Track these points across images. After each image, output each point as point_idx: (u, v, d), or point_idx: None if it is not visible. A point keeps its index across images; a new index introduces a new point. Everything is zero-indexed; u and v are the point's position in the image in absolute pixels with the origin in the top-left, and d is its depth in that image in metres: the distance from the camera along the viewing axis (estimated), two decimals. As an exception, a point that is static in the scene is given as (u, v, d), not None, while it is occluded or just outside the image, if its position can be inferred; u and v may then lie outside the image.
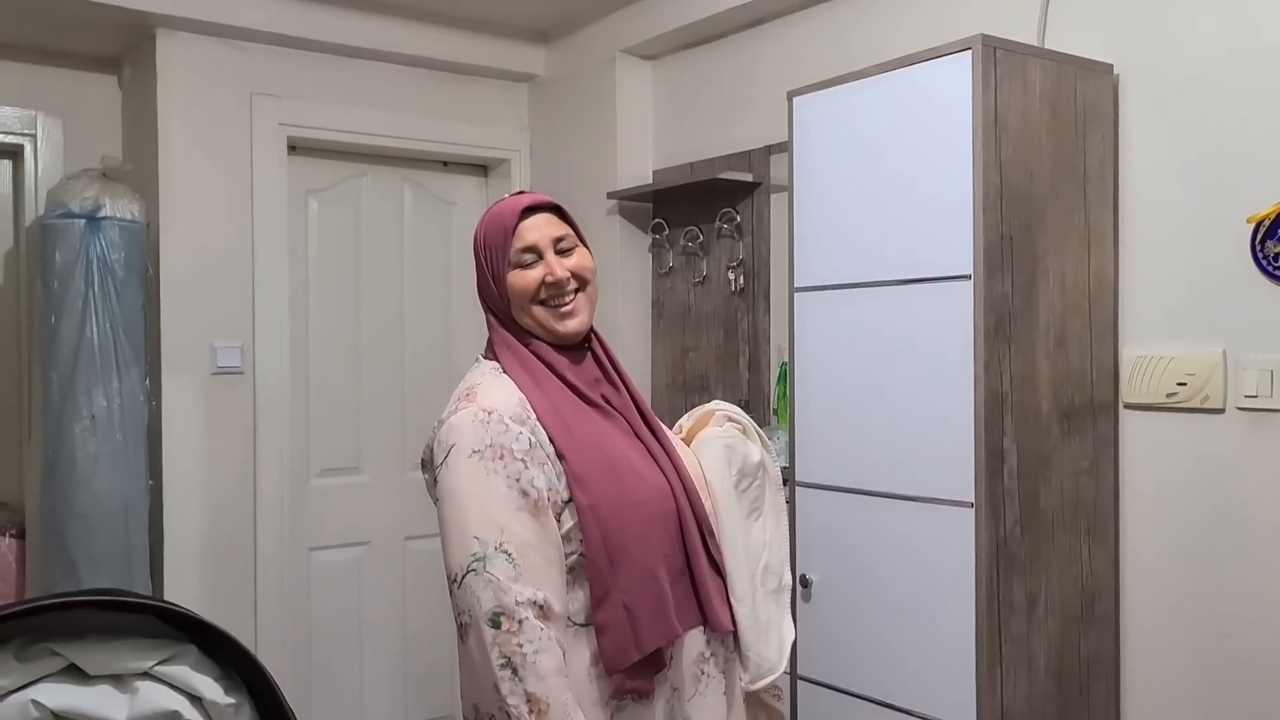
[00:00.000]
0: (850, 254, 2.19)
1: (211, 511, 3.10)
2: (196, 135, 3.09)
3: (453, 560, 1.40)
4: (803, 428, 2.29)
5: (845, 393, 2.20)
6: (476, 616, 1.36)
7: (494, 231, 1.58)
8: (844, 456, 2.20)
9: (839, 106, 2.22)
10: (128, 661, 1.28)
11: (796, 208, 2.31)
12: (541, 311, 1.56)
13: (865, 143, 2.17)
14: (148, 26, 3.05)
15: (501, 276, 1.56)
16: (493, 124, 3.64)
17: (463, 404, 1.47)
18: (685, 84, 3.27)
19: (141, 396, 2.94)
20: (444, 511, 1.43)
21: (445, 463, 1.43)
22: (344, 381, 3.48)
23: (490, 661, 1.34)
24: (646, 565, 1.51)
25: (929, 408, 2.02)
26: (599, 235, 3.32)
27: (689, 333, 3.23)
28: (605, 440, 1.55)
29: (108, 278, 2.87)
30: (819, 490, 2.25)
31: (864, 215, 2.17)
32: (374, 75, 3.41)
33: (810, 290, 2.27)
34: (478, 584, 1.36)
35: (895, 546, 2.10)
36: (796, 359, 2.30)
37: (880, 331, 2.13)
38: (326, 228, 3.47)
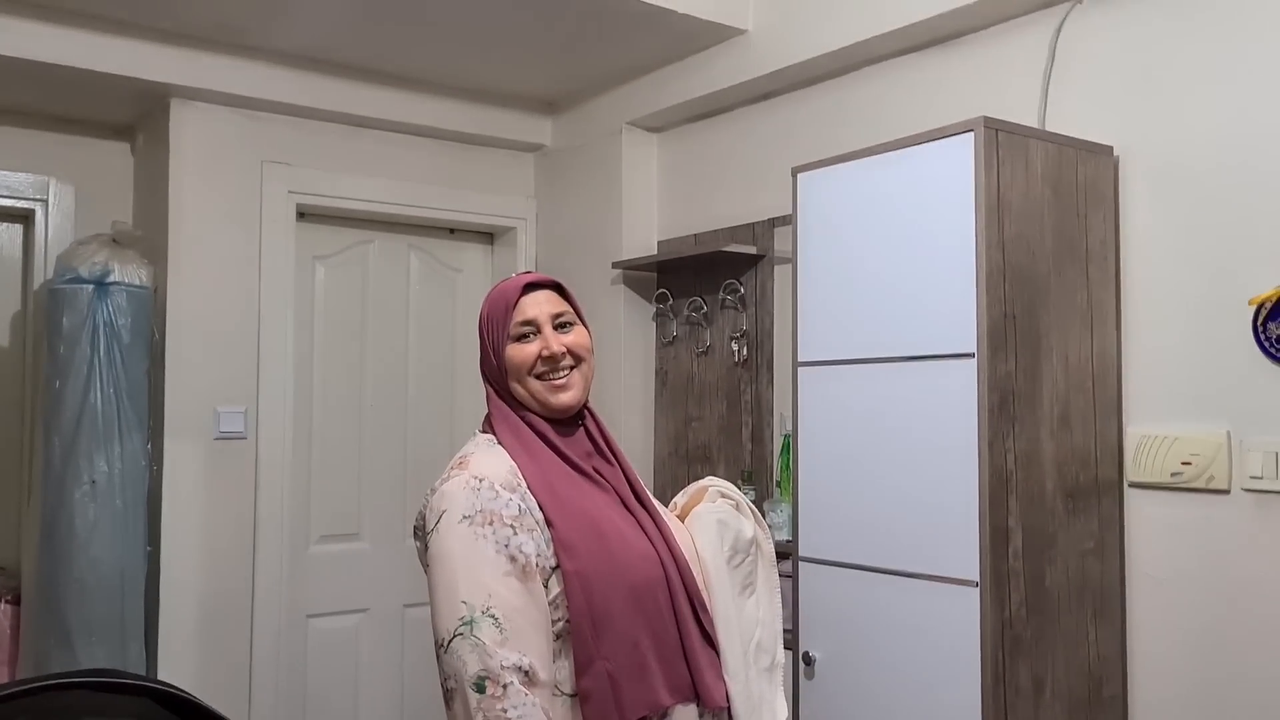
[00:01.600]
0: (854, 329, 2.20)
1: (209, 578, 3.08)
2: (207, 202, 3.13)
3: (440, 624, 1.41)
4: (806, 502, 2.28)
5: (849, 468, 2.19)
6: (462, 681, 1.37)
7: (496, 306, 1.62)
8: (847, 532, 2.18)
9: (843, 183, 2.25)
10: (121, 745, 1.26)
11: (800, 282, 2.32)
12: (536, 385, 1.59)
13: (869, 219, 2.18)
14: (162, 96, 3.10)
15: (500, 349, 1.60)
16: (499, 193, 3.68)
17: (455, 471, 1.50)
18: (690, 156, 3.31)
19: (143, 462, 2.93)
20: (433, 576, 1.45)
21: (436, 528, 1.45)
22: (346, 447, 3.47)
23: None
24: (631, 633, 1.50)
25: (933, 485, 2.01)
26: (603, 304, 3.34)
27: (692, 403, 3.23)
28: (594, 509, 1.55)
29: (114, 343, 2.88)
30: (822, 565, 2.23)
31: (868, 291, 2.18)
32: (382, 144, 3.45)
33: (814, 365, 2.28)
34: (464, 648, 1.37)
35: (899, 624, 2.07)
36: (800, 433, 2.30)
37: (884, 407, 2.13)
38: (333, 293, 3.49)
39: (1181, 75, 2.13)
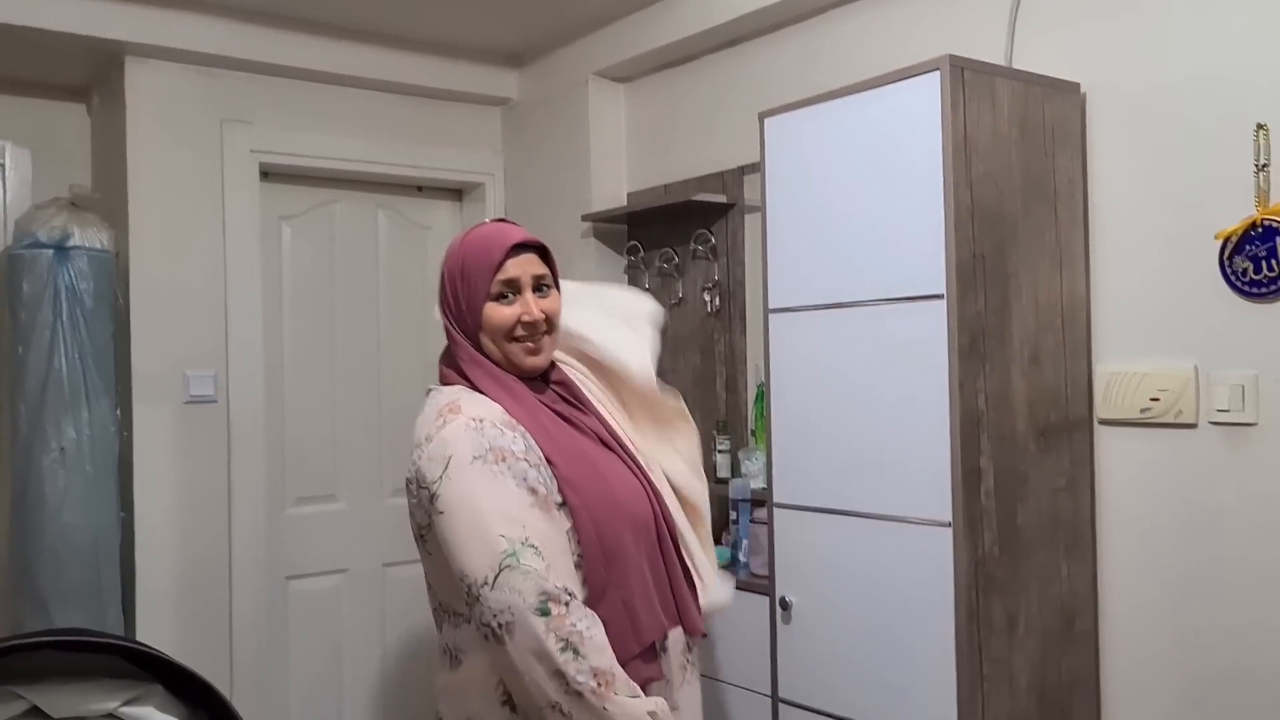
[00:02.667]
0: (823, 274, 2.18)
1: (186, 543, 3.06)
2: (166, 163, 3.07)
3: (477, 565, 1.40)
4: (780, 450, 2.28)
5: (821, 413, 2.18)
6: (521, 610, 1.37)
7: (478, 258, 1.61)
8: (821, 477, 2.19)
9: (809, 127, 2.22)
10: (92, 703, 1.25)
11: (770, 229, 2.30)
12: (512, 347, 1.63)
13: (836, 163, 2.16)
14: (116, 55, 3.03)
15: (477, 304, 1.60)
16: (467, 148, 3.64)
17: (449, 417, 1.50)
18: (658, 106, 3.27)
19: (112, 427, 2.90)
20: (454, 521, 1.43)
21: (445, 475, 1.44)
22: (320, 409, 3.45)
23: (548, 649, 1.36)
24: (638, 563, 1.60)
25: (905, 427, 2.01)
26: (574, 258, 3.31)
27: (665, 355, 3.21)
28: (584, 448, 1.63)
29: (76, 308, 2.84)
30: (797, 511, 2.24)
31: (836, 235, 2.16)
32: (346, 101, 3.40)
33: (784, 312, 2.26)
34: (514, 579, 1.37)
35: (874, 567, 2.08)
36: (772, 381, 2.30)
37: (855, 352, 2.12)
38: (300, 254, 3.45)
39: (1148, 11, 2.11)
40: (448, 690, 1.56)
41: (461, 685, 1.53)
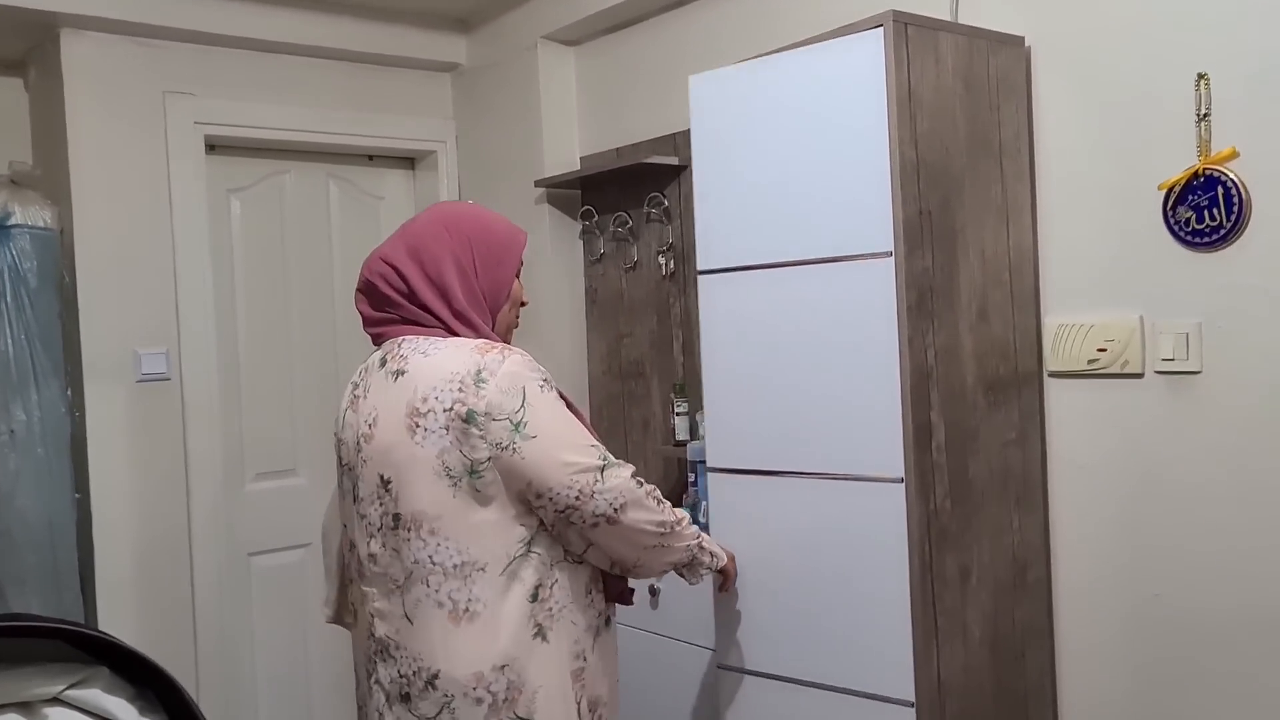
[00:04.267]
0: (761, 235, 2.11)
1: (143, 523, 3.04)
2: (108, 137, 3.01)
3: (588, 463, 1.62)
4: (714, 414, 2.20)
5: (761, 376, 2.12)
6: (632, 490, 1.66)
7: (509, 236, 1.78)
8: (766, 440, 2.12)
9: (745, 86, 2.15)
10: (35, 688, 1.24)
11: (697, 192, 2.21)
12: (514, 322, 1.84)
13: (775, 122, 2.10)
14: (51, 26, 2.95)
15: (507, 278, 1.77)
16: (417, 115, 3.59)
17: (506, 352, 1.63)
18: (608, 69, 3.24)
19: (63, 408, 2.86)
20: (553, 435, 1.61)
21: (527, 404, 1.59)
22: (276, 383, 3.42)
23: (651, 507, 1.70)
24: None
25: (851, 386, 2.00)
26: (529, 224, 3.28)
27: (623, 319, 3.22)
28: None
29: (20, 288, 2.79)
30: (735, 475, 2.16)
31: (776, 195, 2.10)
32: (292, 69, 3.34)
33: (717, 273, 2.18)
34: (617, 470, 1.65)
35: (823, 528, 2.07)
36: (704, 344, 2.22)
37: (794, 312, 2.07)
38: (250, 227, 3.40)
39: (1089, -39, 2.11)
40: (459, 645, 1.60)
41: (483, 635, 1.60)
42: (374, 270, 1.73)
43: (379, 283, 1.72)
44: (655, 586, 2.61)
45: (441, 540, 1.61)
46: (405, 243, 1.72)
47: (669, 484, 3.04)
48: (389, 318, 1.73)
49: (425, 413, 1.59)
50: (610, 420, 3.28)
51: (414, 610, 1.64)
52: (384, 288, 1.71)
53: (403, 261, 1.70)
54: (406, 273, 1.69)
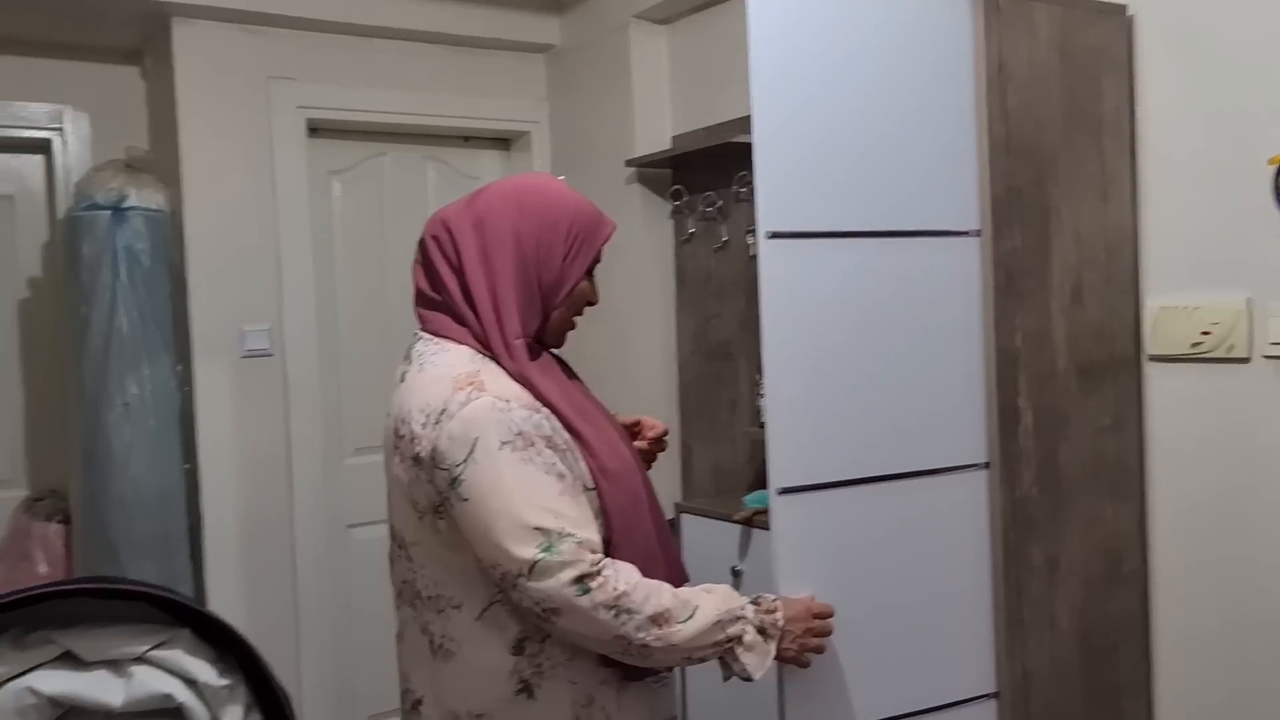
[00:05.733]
0: (834, 197, 1.83)
1: (248, 493, 3.16)
2: (216, 122, 3.12)
3: (512, 555, 1.38)
4: (778, 418, 1.78)
5: (838, 361, 1.82)
6: (563, 596, 1.38)
7: (588, 229, 1.57)
8: (839, 445, 1.82)
9: (818, 23, 1.83)
10: (123, 647, 1.31)
11: (756, 134, 1.80)
12: (569, 322, 1.61)
13: (853, 69, 1.83)
14: (164, 17, 3.07)
15: (574, 274, 1.55)
16: (512, 97, 3.63)
17: (472, 393, 1.42)
18: (700, 46, 3.22)
19: (173, 383, 2.99)
20: (484, 508, 1.39)
21: (471, 459, 1.39)
22: (373, 360, 3.51)
23: (601, 620, 1.39)
24: (652, 533, 1.58)
25: (934, 370, 1.90)
26: (619, 204, 3.29)
27: (711, 300, 3.20)
28: (609, 426, 1.61)
29: (134, 267, 2.92)
30: (806, 494, 1.79)
31: (852, 154, 1.84)
32: (391, 53, 3.41)
33: (783, 238, 1.80)
34: (552, 568, 1.37)
35: (901, 532, 1.87)
36: (768, 327, 1.80)
37: (870, 288, 1.84)
38: (350, 208, 3.49)
39: (1198, -77, 2.00)
40: (440, 679, 1.52)
41: (457, 677, 1.50)
42: (431, 231, 1.56)
43: (432, 246, 1.54)
44: (738, 569, 2.60)
45: (418, 566, 1.51)
46: (473, 211, 1.54)
47: (755, 466, 3.02)
48: (430, 299, 1.57)
49: (402, 435, 1.48)
50: (698, 401, 3.27)
51: (403, 629, 1.58)
52: (435, 252, 1.54)
53: (464, 231, 1.52)
54: (462, 244, 1.51)
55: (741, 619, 1.52)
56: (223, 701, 1.32)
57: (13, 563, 3.04)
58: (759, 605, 1.56)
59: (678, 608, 1.45)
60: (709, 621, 1.47)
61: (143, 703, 1.30)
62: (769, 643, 1.54)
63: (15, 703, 1.24)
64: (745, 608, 1.53)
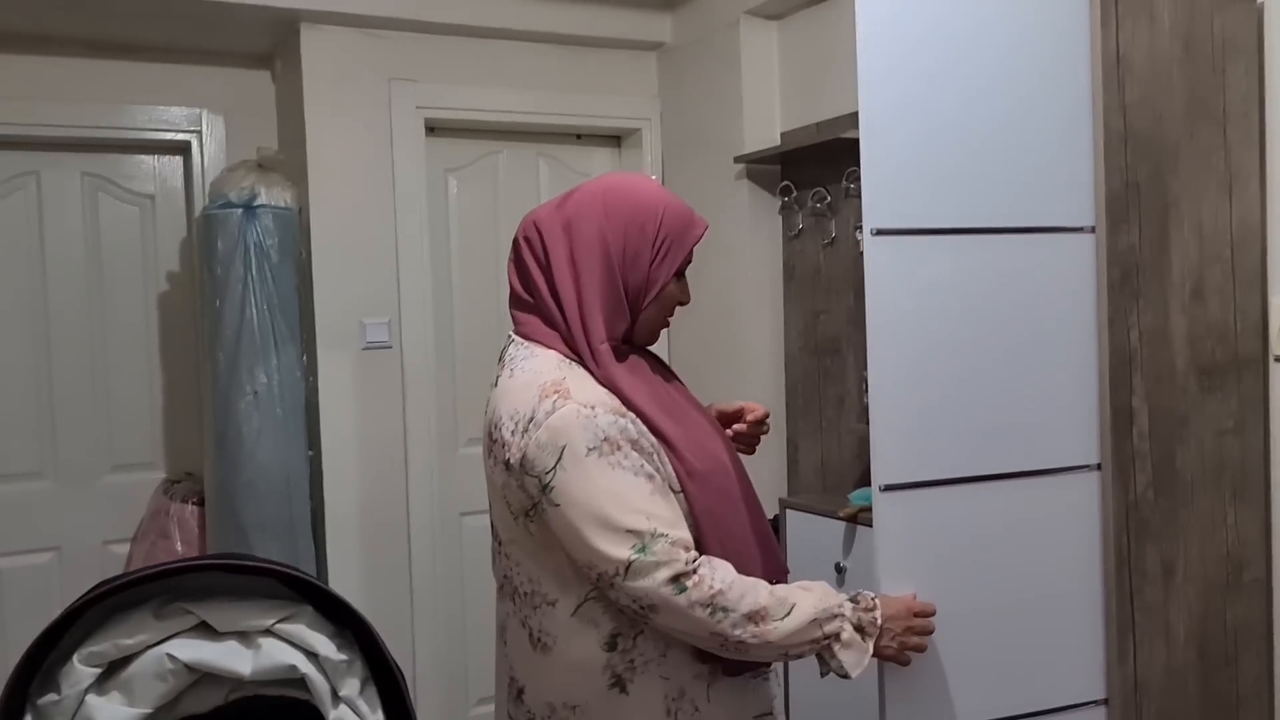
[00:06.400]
0: (941, 192, 1.81)
1: (366, 480, 3.29)
2: (340, 122, 3.25)
3: (608, 558, 1.42)
4: (882, 416, 1.77)
5: (945, 359, 1.81)
6: (660, 595, 1.41)
7: (677, 231, 1.57)
8: (945, 441, 1.80)
9: (928, 13, 1.82)
10: (251, 619, 1.39)
11: (863, 127, 1.79)
12: (661, 323, 1.63)
13: (962, 62, 1.82)
14: (293, 22, 3.21)
15: (663, 275, 1.56)
16: (623, 94, 3.68)
17: (557, 401, 1.45)
18: (811, 42, 3.21)
19: (298, 373, 3.13)
20: (577, 514, 1.42)
21: (560, 466, 1.43)
22: (486, 353, 3.58)
23: (697, 618, 1.42)
24: (747, 530, 1.59)
25: (1046, 369, 1.87)
26: (727, 200, 3.31)
27: (819, 295, 3.20)
28: (701, 425, 1.61)
29: (264, 262, 3.07)
30: (909, 491, 1.79)
31: (960, 149, 1.83)
32: (506, 53, 3.49)
33: (891, 234, 1.78)
34: (647, 568, 1.41)
35: (1009, 533, 1.85)
36: (873, 323, 1.78)
37: (979, 286, 1.83)
38: (465, 204, 3.59)
39: (1335, -96, 1.92)
40: (538, 670, 1.56)
41: (554, 669, 1.54)
42: (524, 232, 1.60)
43: (524, 247, 1.58)
44: (842, 565, 2.59)
45: (515, 564, 1.57)
46: (562, 213, 1.56)
47: (863, 463, 3.01)
48: (522, 300, 1.61)
49: (495, 440, 1.53)
50: (805, 397, 3.27)
51: (506, 621, 1.63)
52: (526, 253, 1.57)
53: (553, 233, 1.54)
54: (551, 246, 1.54)
55: (839, 616, 1.52)
56: (341, 674, 1.39)
57: (153, 540, 3.24)
58: (857, 603, 1.57)
59: (774, 605, 1.47)
60: (806, 619, 1.48)
61: (269, 672, 1.38)
62: (867, 641, 1.55)
63: (156, 667, 1.34)
64: (843, 605, 1.54)
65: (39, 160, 3.37)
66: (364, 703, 1.39)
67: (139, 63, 3.39)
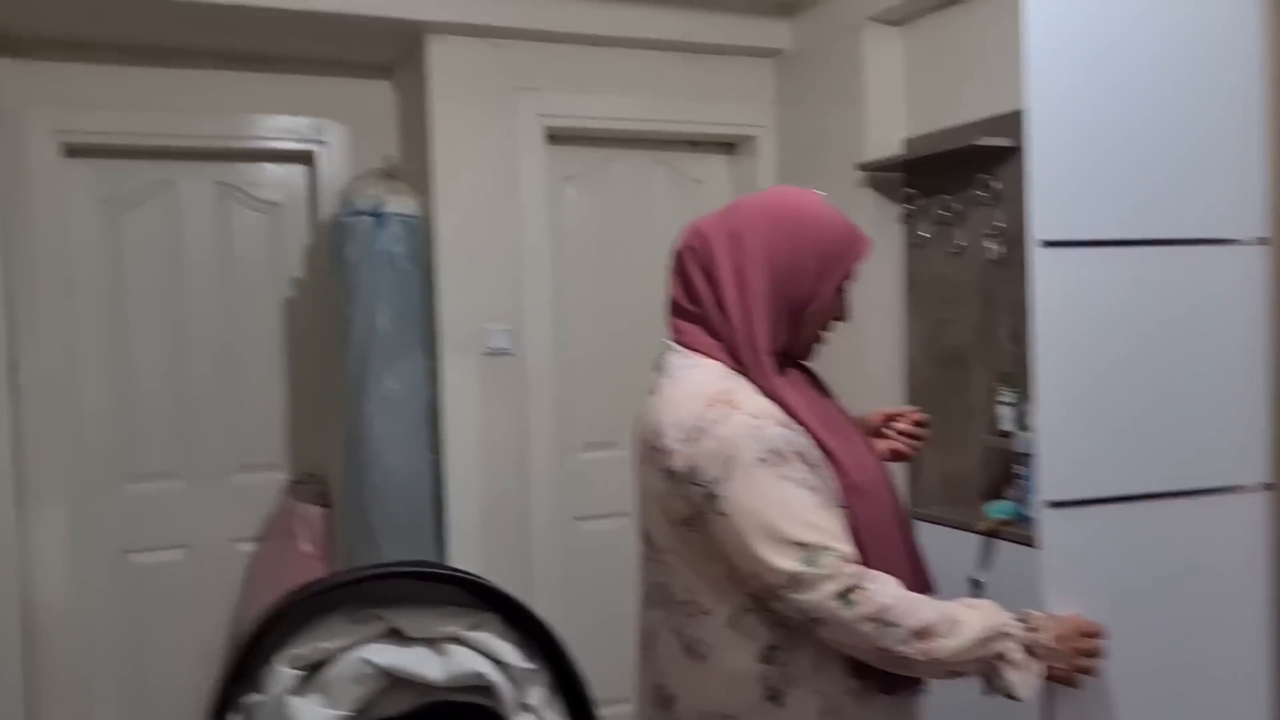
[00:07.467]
0: (1106, 203, 1.77)
1: (488, 483, 3.34)
2: (464, 132, 3.31)
3: (775, 567, 1.42)
4: (1049, 432, 1.73)
5: (1108, 376, 1.77)
6: (828, 608, 1.41)
7: (841, 248, 1.59)
8: (1107, 459, 1.76)
9: (1093, 17, 1.79)
10: (441, 626, 1.42)
11: (1033, 134, 1.75)
12: (819, 336, 1.63)
13: (1127, 66, 1.78)
14: (418, 33, 3.28)
15: (826, 289, 1.57)
16: (739, 102, 3.68)
17: (726, 412, 1.47)
18: (937, 48, 3.17)
19: (424, 378, 3.20)
20: (743, 524, 1.43)
21: (728, 476, 1.44)
22: (603, 360, 3.64)
23: (863, 633, 1.41)
24: (900, 547, 1.60)
25: (1210, 386, 1.81)
26: (848, 208, 3.25)
27: (944, 305, 3.16)
28: (858, 442, 1.62)
29: (392, 270, 3.14)
30: (1079, 508, 1.74)
31: (1124, 157, 1.78)
32: (623, 62, 3.51)
33: (1059, 246, 1.74)
34: (815, 580, 1.41)
35: (1172, 549, 1.80)
36: (1039, 337, 1.74)
37: (1147, 299, 1.80)
38: (583, 212, 3.63)
39: None
40: (691, 679, 1.56)
41: (707, 678, 1.54)
42: (688, 241, 1.62)
43: (688, 257, 1.60)
44: (979, 580, 2.56)
45: (671, 572, 1.56)
46: (728, 224, 1.58)
47: (990, 475, 2.96)
48: (684, 310, 1.62)
49: (656, 448, 1.52)
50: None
51: (655, 629, 1.62)
52: (690, 263, 1.59)
53: (719, 244, 1.56)
54: (717, 257, 1.56)
55: (1008, 636, 1.50)
56: (528, 683, 1.41)
57: (280, 540, 3.32)
58: (1026, 623, 1.54)
59: (941, 622, 1.45)
60: (974, 637, 1.47)
61: (458, 679, 1.40)
62: (1036, 661, 1.52)
63: (353, 671, 1.37)
64: (1011, 625, 1.52)
65: (175, 169, 3.48)
66: (550, 712, 1.41)
67: (267, 74, 3.48)
